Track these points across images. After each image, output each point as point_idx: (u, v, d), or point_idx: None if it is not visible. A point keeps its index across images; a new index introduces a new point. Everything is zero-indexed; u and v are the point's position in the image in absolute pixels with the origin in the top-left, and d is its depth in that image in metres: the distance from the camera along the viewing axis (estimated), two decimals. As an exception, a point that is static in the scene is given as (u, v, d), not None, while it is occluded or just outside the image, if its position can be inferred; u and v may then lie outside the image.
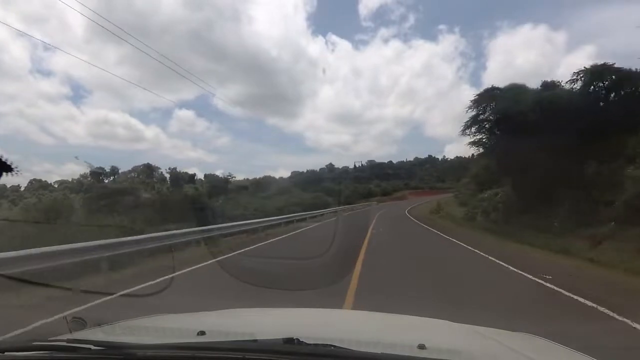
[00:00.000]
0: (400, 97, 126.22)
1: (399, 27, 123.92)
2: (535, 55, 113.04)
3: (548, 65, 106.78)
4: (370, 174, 79.67)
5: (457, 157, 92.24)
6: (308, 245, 12.86)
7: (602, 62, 15.21)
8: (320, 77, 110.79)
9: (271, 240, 14.04)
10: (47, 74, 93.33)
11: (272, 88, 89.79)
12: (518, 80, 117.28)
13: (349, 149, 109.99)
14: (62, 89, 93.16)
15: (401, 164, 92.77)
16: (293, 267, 7.90)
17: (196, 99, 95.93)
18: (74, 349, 1.11)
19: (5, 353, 1.10)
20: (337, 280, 6.03)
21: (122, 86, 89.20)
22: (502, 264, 8.57)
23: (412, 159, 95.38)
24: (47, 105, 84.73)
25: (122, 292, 5.52)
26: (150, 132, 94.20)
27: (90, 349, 1.10)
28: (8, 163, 1.06)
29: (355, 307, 4.74)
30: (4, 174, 1.09)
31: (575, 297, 5.54)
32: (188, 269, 7.71)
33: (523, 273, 7.46)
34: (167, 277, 6.74)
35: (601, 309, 4.94)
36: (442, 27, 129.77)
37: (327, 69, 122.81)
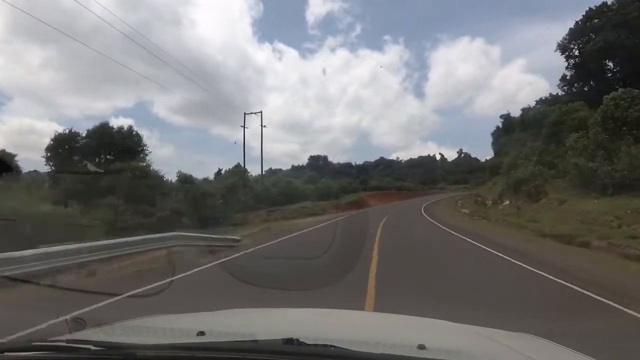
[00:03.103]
0: (348, 106, 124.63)
1: (346, 36, 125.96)
2: (473, 68, 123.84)
3: (484, 77, 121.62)
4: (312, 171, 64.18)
5: (410, 159, 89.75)
6: None
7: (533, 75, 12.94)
8: (268, 85, 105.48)
9: None
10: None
11: (216, 96, 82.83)
12: (457, 91, 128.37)
13: (297, 157, 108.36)
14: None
15: (349, 165, 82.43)
16: None
17: (135, 106, 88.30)
18: (74, 349, 1.12)
19: (5, 353, 1.11)
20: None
21: (49, 92, 74.21)
22: None
23: (361, 163, 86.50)
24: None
25: None
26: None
27: (90, 349, 1.12)
28: (8, 163, 1.03)
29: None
30: (4, 173, 1.06)
31: None
32: None
33: None
34: None
35: None
36: (387, 37, 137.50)
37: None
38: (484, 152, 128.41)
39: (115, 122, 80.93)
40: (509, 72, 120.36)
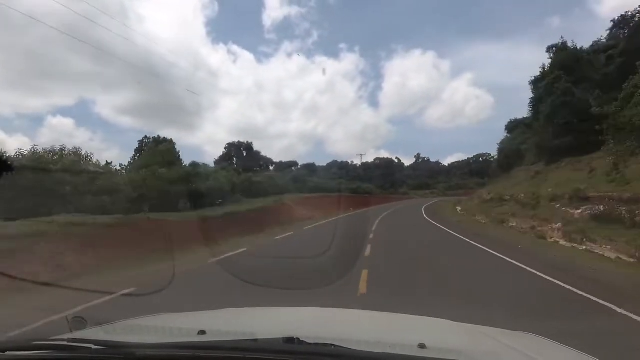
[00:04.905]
0: (304, 112, 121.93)
1: (303, 42, 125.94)
2: (425, 80, 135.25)
3: (436, 89, 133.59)
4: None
5: (366, 162, 79.80)
6: None
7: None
8: (221, 89, 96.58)
9: None
10: None
11: (166, 97, 72.94)
12: (410, 101, 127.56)
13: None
14: None
15: (293, 163, 66.71)
16: None
17: (76, 105, 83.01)
18: (75, 349, 1.13)
19: (6, 352, 1.11)
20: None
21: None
22: None
23: (311, 162, 74.70)
24: None
25: None
26: (15, 142, 76.14)
27: (91, 348, 1.12)
28: (8, 163, 1.16)
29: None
30: (4, 173, 1.05)
31: None
32: None
33: None
34: None
35: None
36: (343, 45, 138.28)
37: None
38: (443, 158, 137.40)
39: (53, 121, 75.16)
40: (457, 85, 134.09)
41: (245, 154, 56.27)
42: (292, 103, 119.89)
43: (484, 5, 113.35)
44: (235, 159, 54.80)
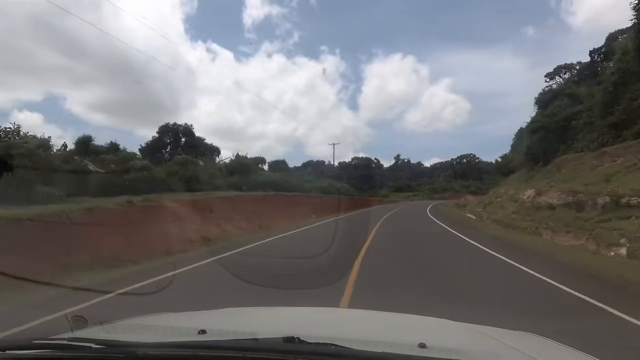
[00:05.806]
0: (282, 114, 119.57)
1: (283, 42, 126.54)
2: (404, 83, 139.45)
3: (414, 93, 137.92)
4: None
5: (342, 162, 79.19)
6: None
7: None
8: (199, 88, 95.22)
9: None
10: None
11: (142, 94, 71.16)
12: (389, 104, 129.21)
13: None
14: None
15: (259, 159, 57.29)
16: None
17: (44, 100, 77.71)
18: (75, 348, 1.12)
19: (7, 352, 1.11)
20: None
21: None
22: None
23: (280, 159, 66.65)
24: None
25: None
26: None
27: (91, 347, 1.12)
28: (8, 163, 1.25)
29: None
30: (5, 173, 1.21)
31: None
32: None
33: None
34: None
35: None
36: (323, 47, 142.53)
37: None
38: (423, 159, 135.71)
39: (19, 117, 69.78)
40: (436, 90, 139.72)
41: (183, 140, 44.26)
42: (270, 104, 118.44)
43: (463, 14, 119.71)
44: (170, 145, 44.00)
